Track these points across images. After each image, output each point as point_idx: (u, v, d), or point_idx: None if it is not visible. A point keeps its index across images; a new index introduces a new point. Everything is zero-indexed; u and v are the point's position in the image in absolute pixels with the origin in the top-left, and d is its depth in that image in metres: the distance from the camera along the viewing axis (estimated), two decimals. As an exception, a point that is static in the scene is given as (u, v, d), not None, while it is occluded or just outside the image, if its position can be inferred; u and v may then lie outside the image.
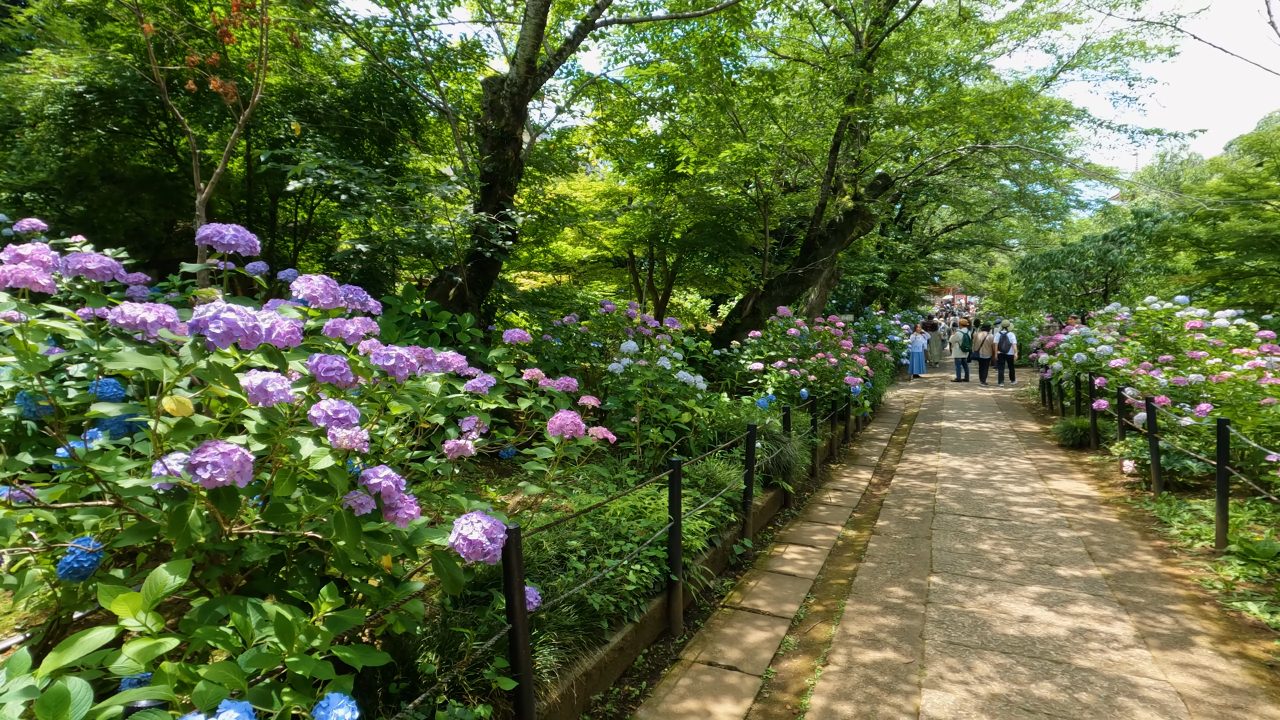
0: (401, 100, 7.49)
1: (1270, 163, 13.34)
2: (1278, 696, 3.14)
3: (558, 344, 6.80)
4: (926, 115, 11.44)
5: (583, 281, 15.75)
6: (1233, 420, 5.80)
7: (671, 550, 3.87)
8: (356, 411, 1.70)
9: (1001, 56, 17.93)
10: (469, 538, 1.83)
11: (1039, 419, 12.14)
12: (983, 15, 14.79)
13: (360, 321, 1.98)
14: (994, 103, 10.95)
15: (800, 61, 12.20)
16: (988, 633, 3.82)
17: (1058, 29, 16.72)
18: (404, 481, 1.84)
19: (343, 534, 1.72)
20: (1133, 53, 16.90)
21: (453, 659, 2.56)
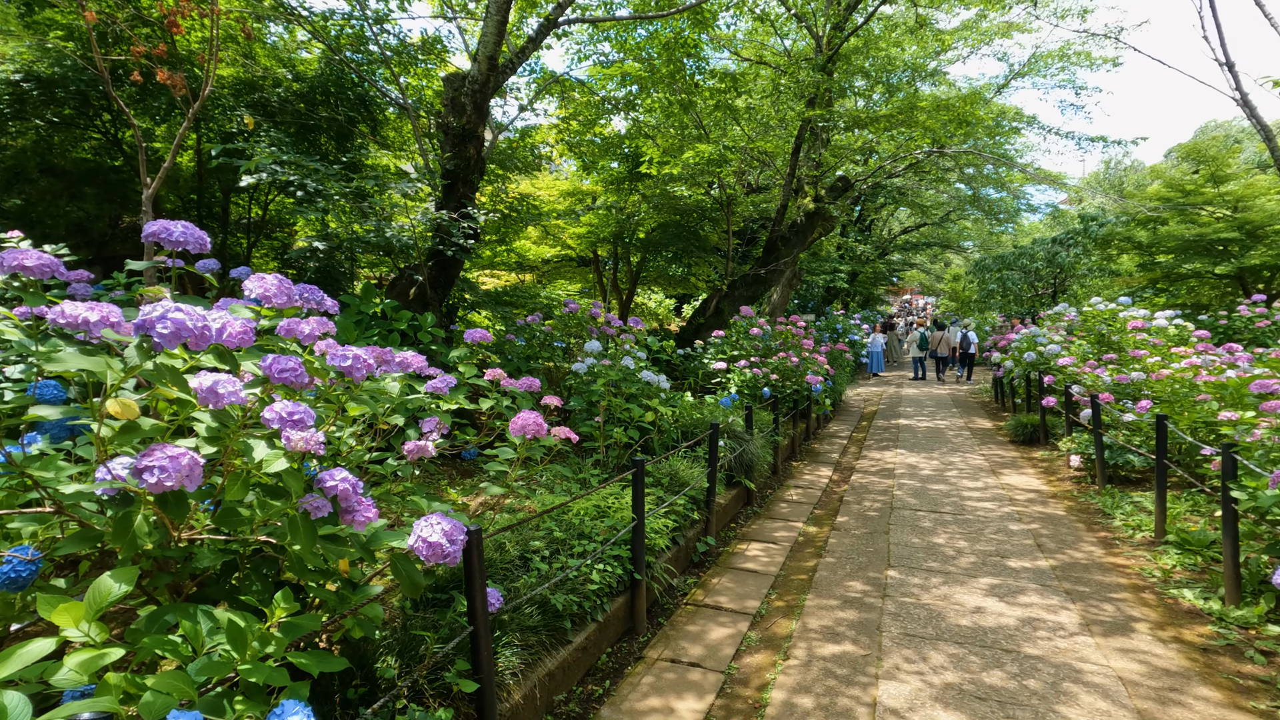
0: (360, 95, 7.34)
1: (1205, 170, 13.99)
2: (1210, 678, 3.30)
3: (521, 344, 6.76)
4: (885, 119, 11.69)
5: (546, 281, 15.67)
6: (1171, 416, 6.07)
7: (635, 549, 3.89)
8: (312, 413, 1.67)
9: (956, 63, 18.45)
10: (429, 540, 1.81)
11: (992, 416, 12.52)
12: (938, 23, 15.18)
13: (316, 321, 1.94)
14: (949, 108, 11.25)
15: (763, 64, 12.35)
16: (942, 624, 3.93)
17: (1009, 38, 17.27)
18: (362, 484, 1.81)
19: (298, 538, 1.69)
20: (1079, 62, 17.55)
21: (413, 662, 2.53)
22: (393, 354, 2.53)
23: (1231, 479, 4.00)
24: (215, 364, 1.75)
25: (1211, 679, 3.29)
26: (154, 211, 4.64)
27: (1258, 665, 3.41)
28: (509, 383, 3.10)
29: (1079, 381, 8.31)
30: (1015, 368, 11.09)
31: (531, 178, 13.15)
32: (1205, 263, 13.52)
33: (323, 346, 1.98)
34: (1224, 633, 3.75)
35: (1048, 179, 19.69)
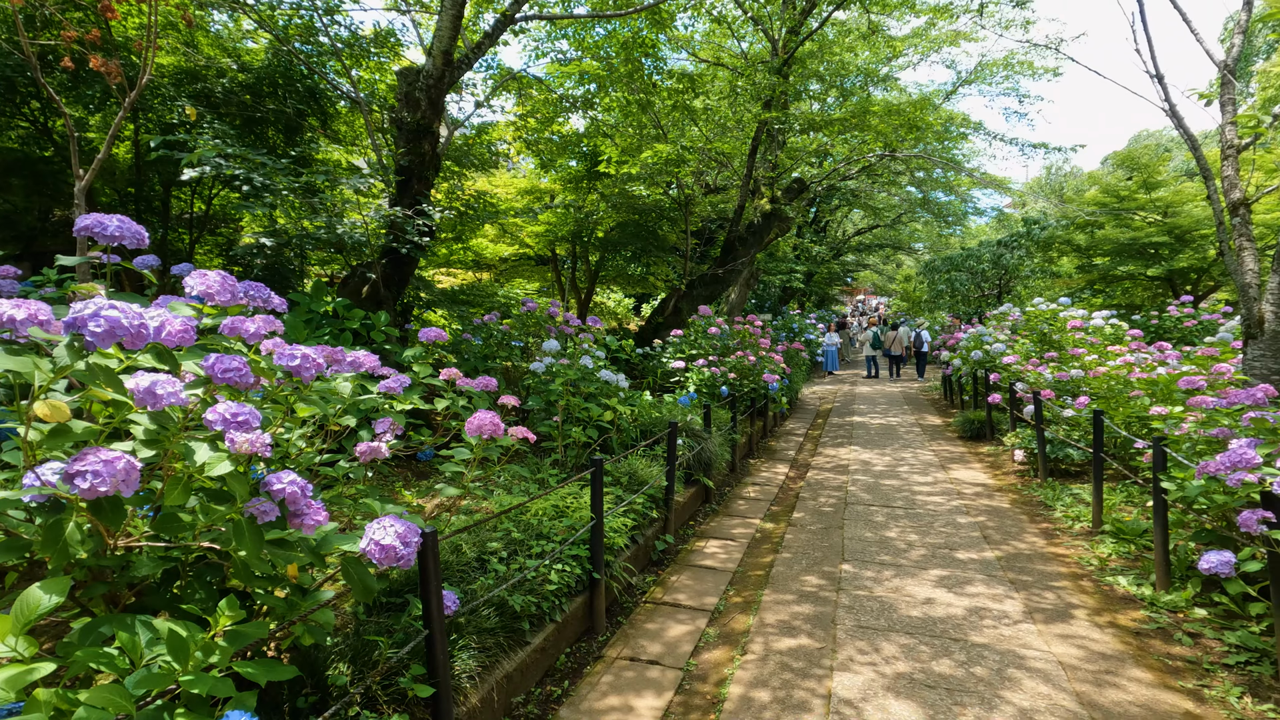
0: (310, 88, 7.14)
1: (1138, 177, 14.68)
2: (1143, 660, 3.47)
3: (478, 343, 6.67)
4: (839, 122, 11.92)
5: (504, 279, 15.50)
6: (1107, 412, 6.36)
7: (594, 549, 3.88)
8: (258, 414, 1.62)
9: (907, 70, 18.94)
10: (381, 543, 1.77)
11: (941, 413, 12.90)
12: (890, 29, 15.56)
13: (262, 319, 1.88)
14: (900, 113, 11.54)
15: (720, 66, 12.46)
16: (894, 615, 4.03)
17: (957, 46, 17.83)
18: (311, 486, 1.76)
19: (243, 543, 1.64)
20: (1022, 71, 18.23)
21: (366, 669, 2.48)
22: (344, 353, 2.47)
23: (1162, 471, 4.21)
24: (154, 364, 1.68)
25: (1144, 661, 3.46)
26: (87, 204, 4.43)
27: (1185, 647, 3.60)
28: (465, 382, 3.06)
29: (1022, 379, 8.62)
30: (963, 366, 11.45)
31: (489, 175, 12.99)
32: (1138, 265, 14.18)
33: (269, 345, 1.92)
34: (1155, 617, 3.94)
35: (993, 183, 20.41)
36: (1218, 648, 3.55)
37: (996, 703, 3.07)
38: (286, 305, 2.40)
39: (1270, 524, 2.87)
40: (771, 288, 24.18)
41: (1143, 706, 3.04)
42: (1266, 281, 4.80)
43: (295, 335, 4.92)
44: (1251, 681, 3.22)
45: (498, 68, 9.36)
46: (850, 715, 2.99)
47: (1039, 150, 18.70)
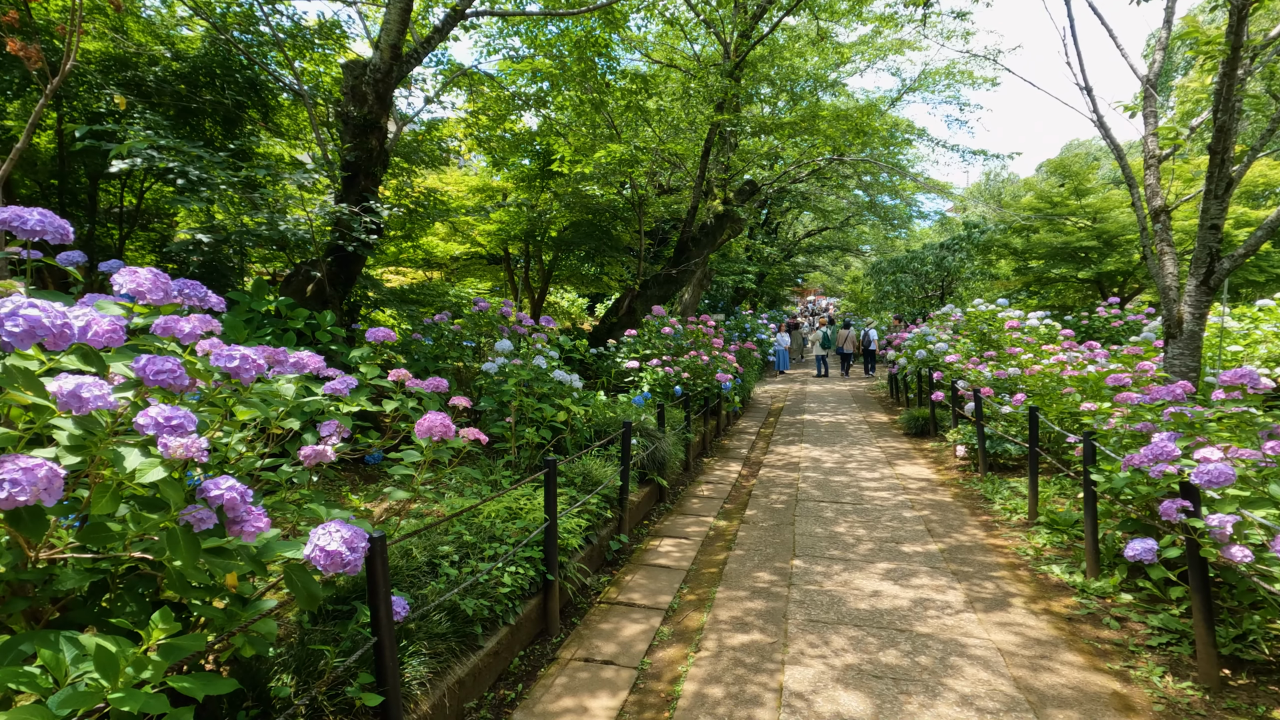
0: (250, 79, 6.87)
1: (1069, 184, 15.41)
2: (1075, 644, 3.64)
3: (428, 343, 6.54)
4: (789, 126, 12.14)
5: (456, 278, 15.26)
6: (1041, 408, 6.64)
7: (547, 550, 3.86)
8: (193, 417, 1.55)
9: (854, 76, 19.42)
10: (327, 549, 1.72)
11: (888, 410, 13.27)
12: (838, 36, 15.93)
13: (198, 319, 1.80)
14: (848, 118, 11.82)
15: (673, 67, 12.53)
16: (843, 609, 4.13)
17: (901, 54, 18.38)
18: (251, 492, 1.70)
19: (178, 553, 1.57)
20: (963, 81, 18.92)
21: (312, 679, 2.40)
22: (287, 354, 2.40)
23: (1091, 464, 4.43)
24: (79, 366, 1.60)
25: (1075, 645, 3.63)
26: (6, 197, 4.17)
27: (1113, 630, 3.80)
28: (415, 383, 3.00)
29: (964, 377, 8.95)
30: (908, 365, 11.80)
31: (439, 172, 12.77)
32: (1070, 268, 14.89)
33: (206, 346, 1.84)
34: (1085, 603, 4.14)
35: (936, 188, 21.11)
36: (1142, 630, 3.76)
37: (940, 690, 3.18)
38: (225, 304, 2.31)
39: (1188, 512, 3.05)
40: (724, 288, 24.45)
41: (1074, 689, 3.19)
42: (1185, 284, 5.09)
43: (235, 335, 4.73)
44: (1172, 661, 3.42)
45: (449, 63, 9.21)
46: (801, 708, 3.05)
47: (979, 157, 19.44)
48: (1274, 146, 5.25)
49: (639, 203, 11.74)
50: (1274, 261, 13.72)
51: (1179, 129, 5.33)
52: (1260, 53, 5.06)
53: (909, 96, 20.57)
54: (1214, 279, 4.92)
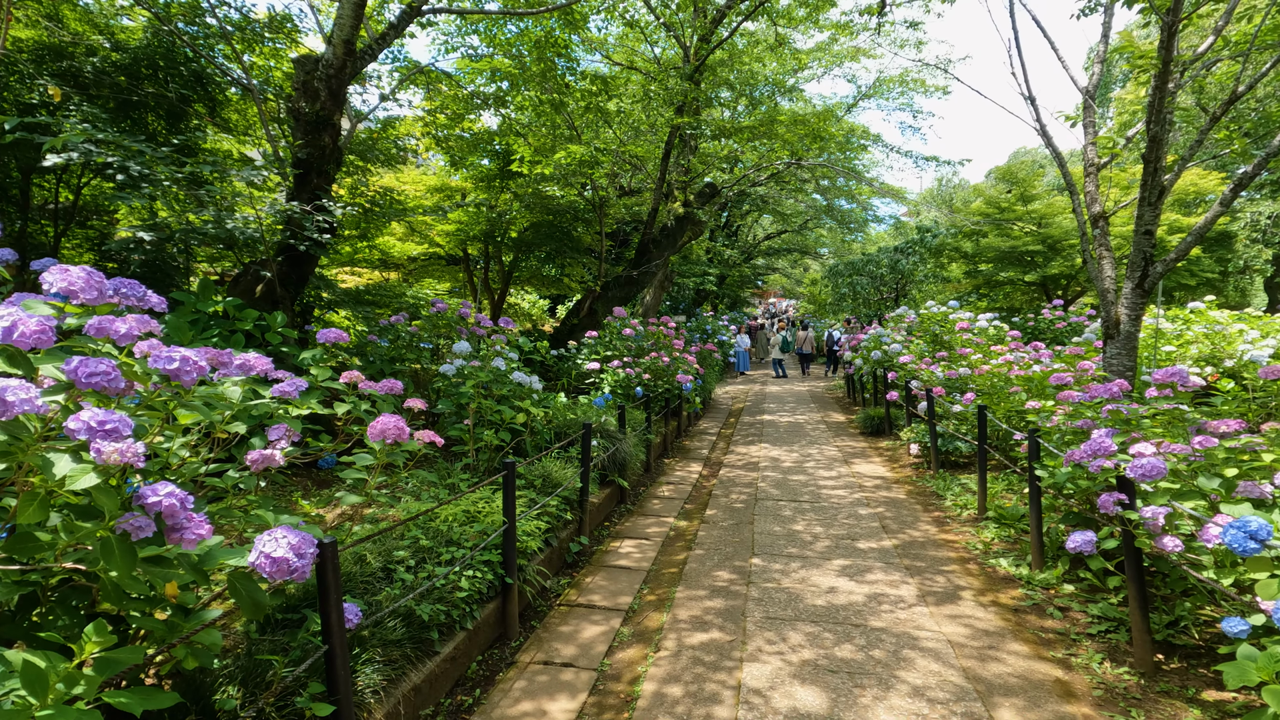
0: (196, 71, 6.64)
1: (1016, 190, 15.96)
2: (1020, 634, 3.77)
3: (385, 345, 6.42)
4: (748, 130, 12.29)
5: (414, 279, 15.00)
6: (990, 406, 6.86)
7: (506, 553, 3.82)
8: (129, 421, 1.49)
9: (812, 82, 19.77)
10: (273, 555, 1.68)
11: (845, 410, 13.53)
12: (795, 42, 16.18)
13: (135, 319, 1.73)
14: (805, 123, 12.02)
15: (634, 69, 12.57)
16: (800, 605, 4.19)
17: (857, 61, 18.79)
18: (191, 498, 1.64)
19: (113, 563, 1.51)
20: (916, 89, 19.43)
21: (259, 690, 2.33)
22: (232, 355, 2.33)
23: (1036, 460, 4.59)
24: (5, 368, 1.52)
25: (1021, 635, 3.76)
26: (-73, 191, 3.94)
27: (1056, 620, 3.94)
28: (368, 385, 2.94)
29: (917, 377, 9.18)
30: (864, 365, 12.05)
31: (396, 171, 12.54)
32: (1017, 271, 15.41)
33: (144, 348, 1.77)
34: (1031, 594, 4.29)
35: (891, 193, 21.62)
36: (1083, 619, 3.91)
37: (893, 682, 3.25)
38: (166, 304, 2.22)
39: (1124, 505, 3.19)
40: (685, 290, 24.60)
41: (1020, 677, 3.30)
42: (1122, 287, 5.33)
43: (179, 337, 4.56)
44: (1111, 648, 3.57)
45: (405, 60, 9.05)
46: (759, 704, 3.08)
47: (931, 163, 19.99)
48: (1204, 156, 5.53)
49: (600, 204, 11.73)
50: (1205, 266, 14.45)
51: (1116, 139, 5.58)
52: (1189, 68, 5.32)
53: (865, 103, 21.02)
54: (1148, 282, 5.16)
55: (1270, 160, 4.59)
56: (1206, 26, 9.90)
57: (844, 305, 22.41)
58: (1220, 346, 9.06)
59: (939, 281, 19.73)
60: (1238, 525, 2.48)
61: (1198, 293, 14.09)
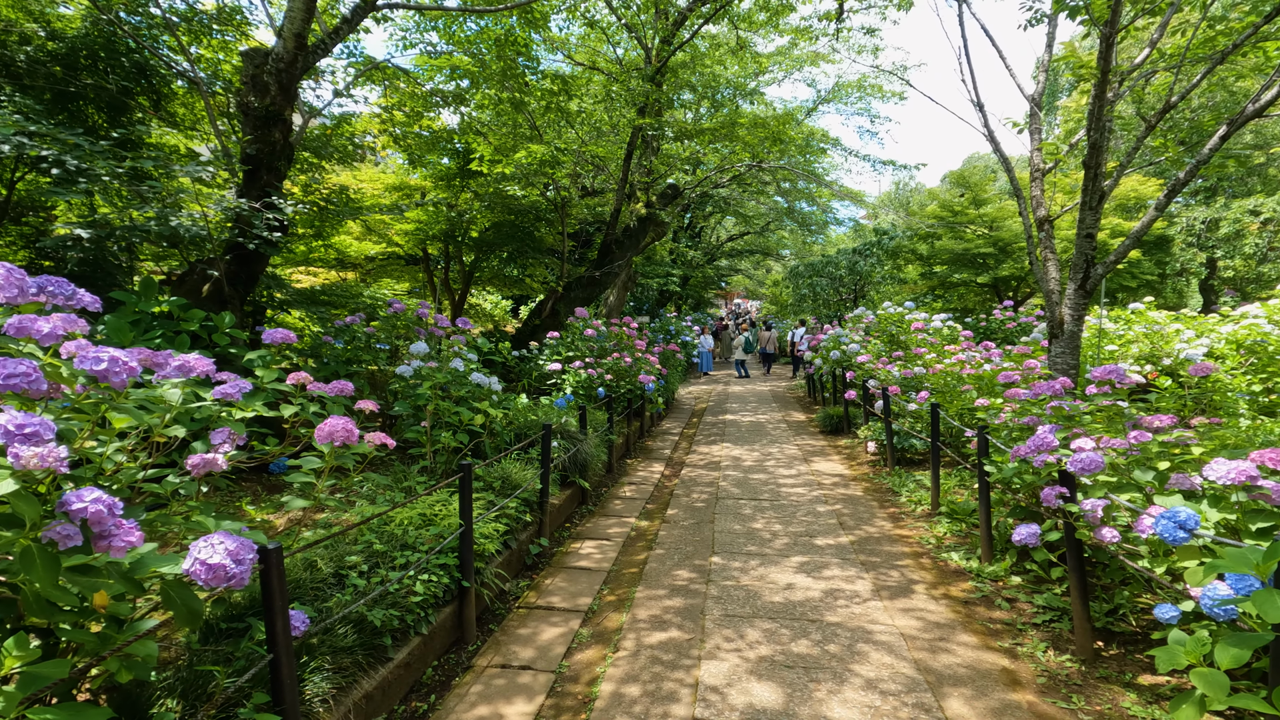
0: (139, 63, 6.40)
1: (969, 194, 16.42)
2: (970, 626, 3.87)
3: (340, 346, 6.29)
4: (709, 132, 12.38)
5: (372, 279, 14.71)
6: (943, 404, 7.04)
7: (463, 556, 3.77)
8: (51, 425, 1.43)
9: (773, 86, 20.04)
10: (209, 562, 1.62)
11: (806, 409, 13.73)
12: (756, 45, 16.38)
13: (60, 318, 1.66)
14: (765, 125, 12.16)
15: (596, 70, 12.54)
16: (758, 602, 4.23)
17: (816, 66, 19.10)
18: (120, 504, 1.58)
19: (35, 573, 1.44)
20: (873, 94, 19.82)
21: (200, 702, 2.26)
22: (170, 356, 2.25)
23: (985, 456, 4.73)
24: (-85, 370, 1.44)
25: (970, 626, 3.86)
26: None
27: (1003, 611, 4.06)
28: (317, 386, 2.86)
29: (874, 376, 9.36)
30: (824, 365, 12.24)
31: (353, 169, 12.30)
32: (970, 273, 15.86)
33: (72, 348, 1.70)
34: (980, 586, 4.42)
35: (850, 196, 22.04)
36: (1029, 610, 4.04)
37: (847, 676, 3.31)
38: (100, 303, 2.13)
39: (1065, 498, 3.30)
40: (649, 291, 24.67)
41: (968, 667, 3.39)
42: (1066, 288, 5.52)
43: (119, 338, 4.39)
44: (1054, 636, 3.69)
45: (361, 56, 8.87)
46: (715, 701, 3.10)
47: (888, 167, 20.43)
48: (1142, 163, 5.77)
49: (562, 204, 11.67)
50: (1145, 269, 15.07)
51: (1060, 145, 5.78)
52: (1126, 78, 5.55)
53: (824, 108, 21.37)
54: (1090, 283, 5.35)
55: (1201, 167, 4.82)
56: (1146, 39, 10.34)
57: (804, 306, 22.76)
58: (1159, 346, 9.46)
59: (896, 283, 20.18)
60: (1168, 516, 2.59)
61: (1138, 294, 14.69)
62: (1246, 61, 6.19)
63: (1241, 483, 2.63)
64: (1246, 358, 8.72)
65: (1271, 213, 16.37)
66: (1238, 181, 19.03)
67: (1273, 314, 9.07)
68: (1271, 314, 9.08)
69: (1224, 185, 19.54)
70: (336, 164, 9.97)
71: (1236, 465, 2.65)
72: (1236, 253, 17.73)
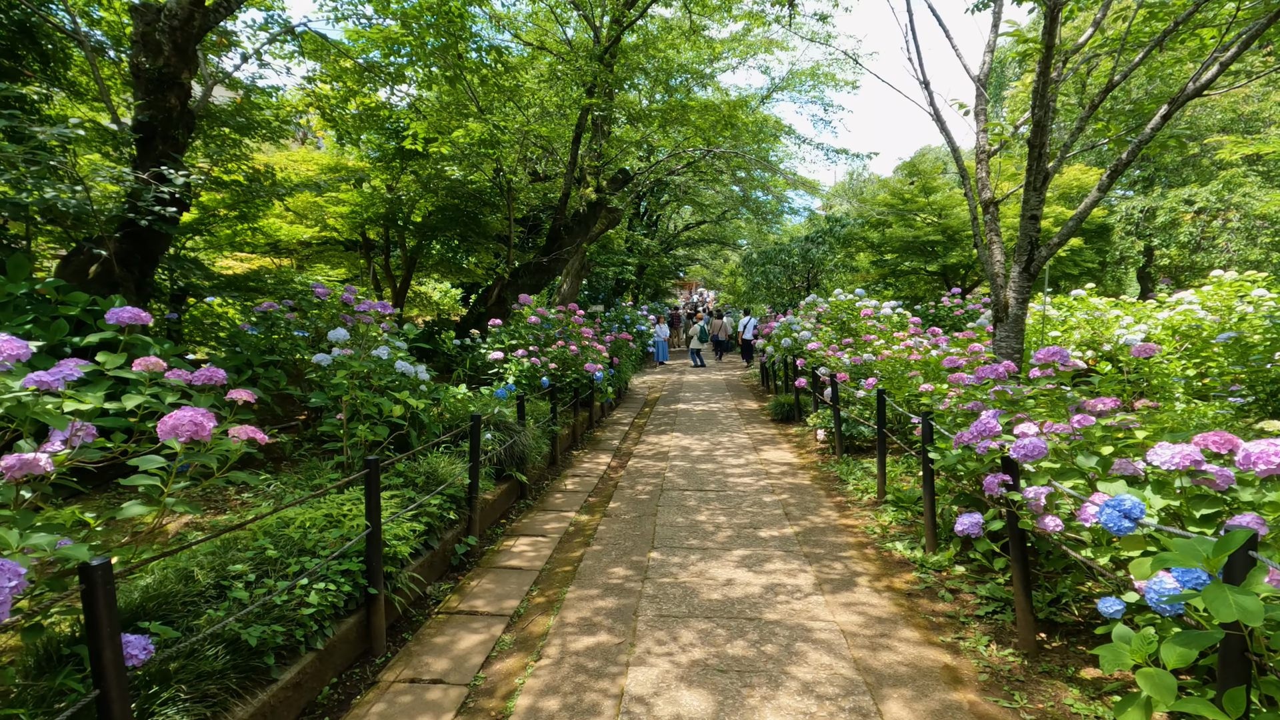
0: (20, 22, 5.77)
1: (919, 182, 16.51)
2: (912, 620, 3.71)
3: (254, 334, 5.82)
4: (660, 114, 12.09)
5: (309, 265, 14.02)
6: (890, 391, 6.93)
7: (370, 561, 3.43)
8: None
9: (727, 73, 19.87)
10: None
11: (758, 397, 13.63)
12: (709, 30, 16.14)
13: None
14: (716, 109, 11.93)
15: (544, 50, 12.11)
16: (695, 601, 4.00)
17: (771, 53, 18.97)
18: None
19: None
20: (826, 82, 19.80)
21: (9, 750, 1.89)
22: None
23: (929, 443, 4.58)
24: None
25: (913, 620, 3.70)
26: None
27: (946, 603, 3.92)
28: (178, 375, 2.48)
29: (825, 364, 9.25)
30: (775, 353, 12.12)
31: (282, 148, 11.64)
32: (920, 261, 15.97)
33: None
34: (924, 577, 4.27)
35: (805, 185, 22.03)
36: (972, 601, 3.90)
37: (783, 679, 3.10)
38: None
39: (1008, 485, 3.14)
40: (605, 279, 24.32)
41: (910, 665, 3.22)
42: (1011, 271, 5.42)
43: (-21, 324, 3.89)
44: (997, 629, 3.55)
45: (283, 25, 8.27)
46: (640, 713, 2.86)
47: (842, 155, 20.48)
48: (1084, 148, 5.70)
49: (508, 187, 11.23)
50: (1086, 257, 15.40)
51: (1005, 125, 5.66)
52: (1070, 58, 5.46)
53: (778, 95, 21.30)
54: (1034, 266, 5.26)
55: (1143, 146, 4.75)
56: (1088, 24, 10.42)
57: (757, 294, 22.73)
58: (1100, 332, 9.59)
59: (848, 271, 20.27)
60: (1113, 504, 2.43)
61: (1079, 281, 15.00)
62: (1184, 48, 6.19)
63: (1186, 467, 2.49)
64: (1182, 343, 8.90)
65: (1205, 202, 16.91)
66: (1173, 172, 19.66)
67: (1206, 300, 9.28)
68: (1205, 300, 9.28)
69: (1160, 175, 20.16)
70: (263, 141, 9.35)
71: (1180, 449, 2.50)
72: (1172, 241, 18.31)
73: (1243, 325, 8.04)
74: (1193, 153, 17.72)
